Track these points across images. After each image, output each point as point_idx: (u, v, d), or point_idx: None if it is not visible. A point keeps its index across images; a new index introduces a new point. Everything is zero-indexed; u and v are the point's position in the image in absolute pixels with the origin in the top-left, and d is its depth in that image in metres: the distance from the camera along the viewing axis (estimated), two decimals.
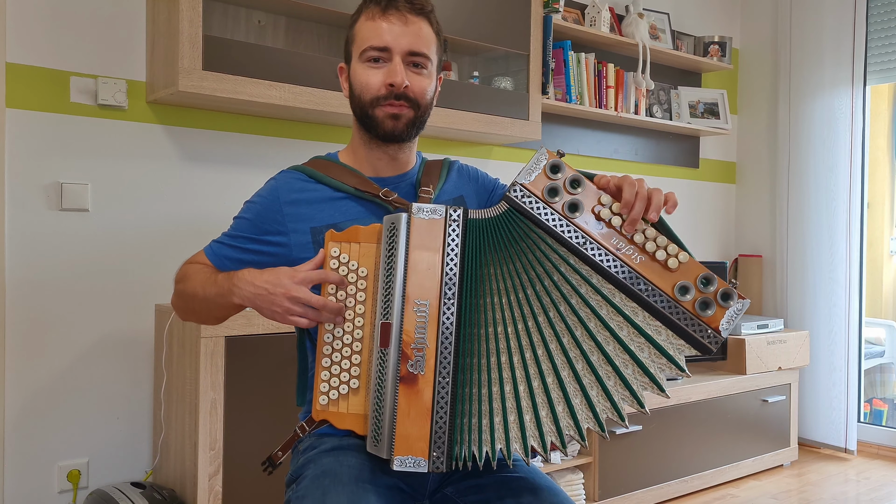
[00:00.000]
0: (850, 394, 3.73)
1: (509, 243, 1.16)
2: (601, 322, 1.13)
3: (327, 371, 1.20)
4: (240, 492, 2.15)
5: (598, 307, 1.14)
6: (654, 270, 1.13)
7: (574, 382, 1.14)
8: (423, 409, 1.13)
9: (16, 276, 2.17)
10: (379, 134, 1.32)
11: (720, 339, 1.12)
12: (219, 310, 1.31)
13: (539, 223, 1.15)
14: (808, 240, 3.86)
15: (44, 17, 2.21)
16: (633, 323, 1.13)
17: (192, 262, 1.37)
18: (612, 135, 3.64)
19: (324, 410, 1.20)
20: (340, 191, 1.33)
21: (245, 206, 1.37)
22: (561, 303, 1.14)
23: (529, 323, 1.15)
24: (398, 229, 1.16)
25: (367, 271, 1.20)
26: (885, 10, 3.74)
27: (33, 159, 2.20)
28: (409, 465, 1.12)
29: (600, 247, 1.14)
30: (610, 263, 1.13)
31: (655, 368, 1.13)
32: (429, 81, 1.33)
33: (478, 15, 2.77)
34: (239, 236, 1.35)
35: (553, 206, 1.15)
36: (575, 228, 1.14)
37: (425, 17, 1.32)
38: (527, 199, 1.15)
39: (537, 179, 1.16)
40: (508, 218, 1.16)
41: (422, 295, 1.14)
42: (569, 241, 1.14)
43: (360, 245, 1.21)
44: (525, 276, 1.15)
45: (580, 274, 1.14)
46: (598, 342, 1.13)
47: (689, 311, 1.12)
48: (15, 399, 2.18)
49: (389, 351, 1.14)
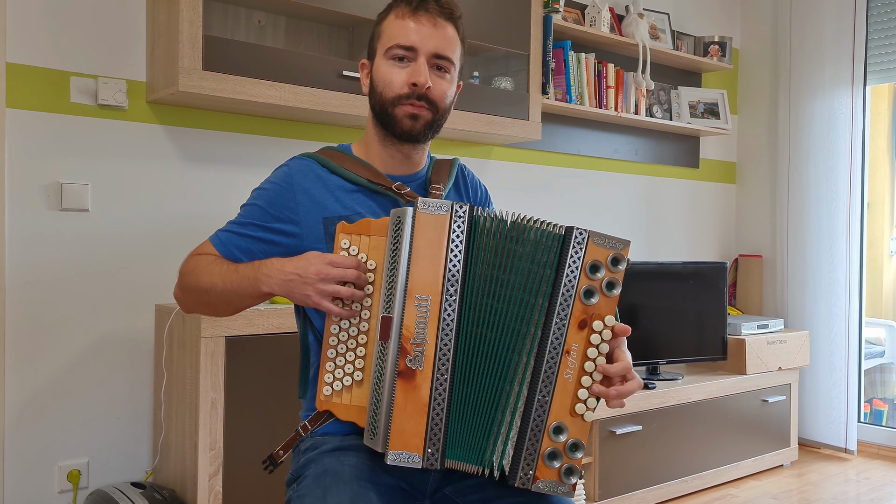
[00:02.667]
0: (850, 394, 3.73)
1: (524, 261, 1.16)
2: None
3: (332, 362, 1.20)
4: (240, 492, 2.15)
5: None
6: (563, 396, 1.13)
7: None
8: (420, 404, 1.12)
9: (16, 276, 2.17)
10: (396, 132, 1.32)
11: (529, 486, 1.12)
12: (240, 300, 1.27)
13: (561, 270, 1.14)
14: (808, 240, 3.86)
15: (44, 17, 2.21)
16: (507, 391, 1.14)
17: (199, 253, 1.33)
18: (612, 135, 3.64)
19: (327, 401, 1.20)
20: (354, 183, 1.33)
21: (255, 193, 1.34)
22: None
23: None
24: (403, 223, 1.16)
25: (375, 264, 1.20)
26: (885, 10, 3.74)
27: (33, 159, 2.20)
28: (403, 461, 1.12)
29: (563, 334, 1.13)
30: (552, 351, 1.13)
31: None
32: (450, 86, 1.34)
33: (478, 15, 2.77)
34: (248, 224, 1.31)
35: (587, 275, 1.14)
36: (569, 304, 1.13)
37: (453, 22, 1.32)
38: (577, 246, 1.14)
39: (598, 252, 1.14)
40: (550, 241, 1.16)
41: (424, 290, 1.14)
42: (554, 302, 1.13)
43: (370, 238, 1.21)
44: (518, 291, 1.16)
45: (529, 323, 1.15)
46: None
47: (540, 447, 1.12)
48: (15, 399, 2.18)
49: (389, 345, 1.14)
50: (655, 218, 3.88)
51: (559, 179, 3.47)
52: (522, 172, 3.33)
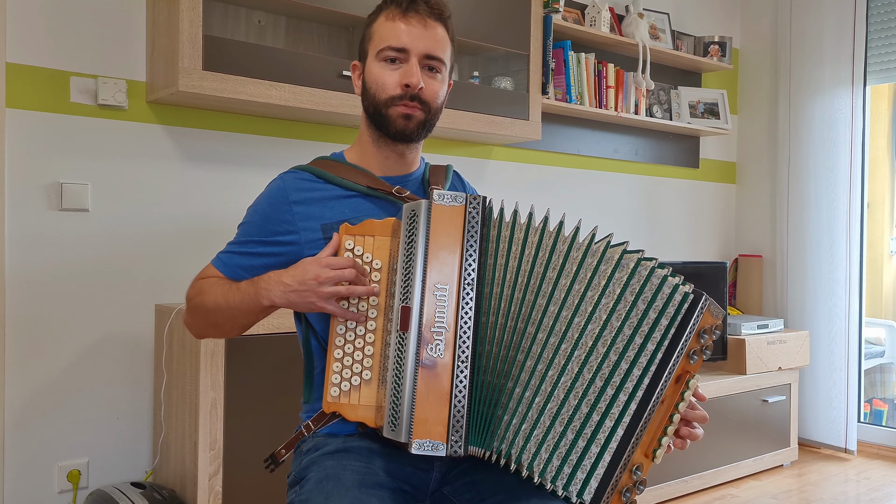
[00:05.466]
0: (850, 394, 3.73)
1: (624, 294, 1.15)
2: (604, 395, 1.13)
3: (339, 363, 1.20)
4: (240, 492, 2.15)
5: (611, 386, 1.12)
6: (653, 428, 1.13)
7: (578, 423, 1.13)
8: (442, 393, 1.13)
9: (16, 276, 2.17)
10: (390, 133, 1.33)
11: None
12: (244, 317, 1.30)
13: (681, 333, 1.13)
14: (808, 240, 3.86)
15: (44, 17, 2.21)
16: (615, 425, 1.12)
17: (203, 277, 1.36)
18: (612, 135, 3.64)
19: (335, 402, 1.20)
20: (351, 189, 1.34)
21: (250, 211, 1.36)
22: (598, 358, 1.12)
23: (577, 353, 1.14)
24: (419, 215, 1.17)
25: (381, 264, 1.21)
26: (885, 10, 3.74)
27: (33, 159, 2.20)
28: (428, 449, 1.12)
29: (664, 379, 1.12)
30: (658, 397, 1.12)
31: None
32: (441, 85, 1.35)
33: (478, 15, 2.77)
34: (248, 241, 1.34)
35: (700, 340, 1.15)
36: (676, 359, 1.12)
37: (443, 22, 1.34)
38: (696, 315, 1.15)
39: (704, 320, 1.16)
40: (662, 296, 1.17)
41: (441, 280, 1.15)
42: (669, 353, 1.12)
43: (374, 238, 1.22)
44: (599, 310, 1.14)
45: (640, 364, 1.12)
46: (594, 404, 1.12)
47: (622, 478, 1.10)
48: (15, 399, 2.18)
49: (409, 335, 1.14)
50: (655, 218, 3.88)
51: (559, 179, 3.47)
52: (522, 172, 3.34)
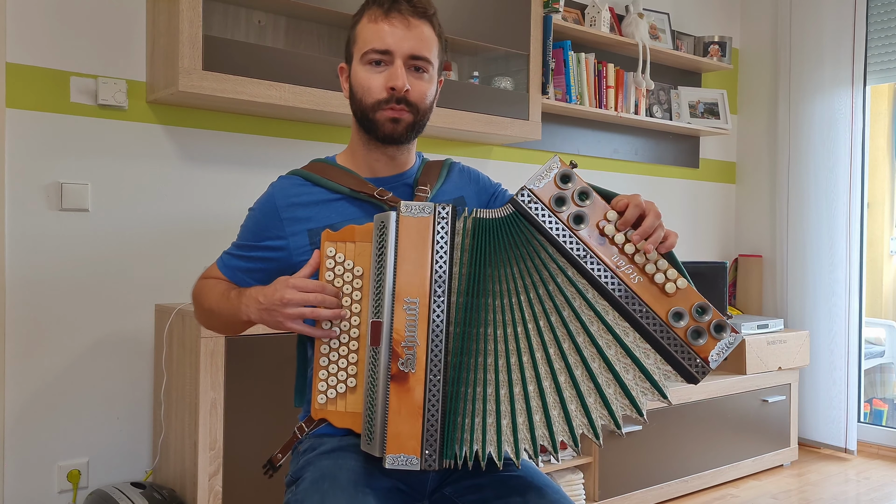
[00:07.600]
0: (850, 394, 3.73)
1: (510, 246, 1.16)
2: (590, 338, 1.13)
3: (325, 370, 1.20)
4: (240, 492, 2.15)
5: (589, 323, 1.13)
6: (651, 293, 1.13)
7: (570, 388, 1.14)
8: (415, 407, 1.12)
9: (16, 276, 2.17)
10: (378, 136, 1.32)
11: (708, 369, 1.11)
12: (234, 326, 1.37)
13: (542, 230, 1.14)
14: (808, 240, 3.86)
15: (44, 17, 2.21)
16: (622, 343, 1.13)
17: (206, 276, 1.41)
18: (612, 135, 3.64)
19: (322, 409, 1.21)
20: (336, 192, 1.34)
21: (247, 215, 1.40)
22: (553, 313, 1.14)
23: (530, 326, 1.14)
24: (387, 227, 1.16)
25: (362, 270, 1.20)
26: (885, 10, 3.74)
27: (33, 159, 2.20)
28: (402, 464, 1.12)
29: (600, 262, 1.13)
30: (607, 280, 1.13)
31: (638, 392, 1.12)
32: (429, 85, 1.33)
33: (478, 15, 2.77)
34: (243, 245, 1.37)
35: (559, 215, 1.15)
36: (577, 240, 1.13)
37: (427, 20, 1.31)
38: (533, 206, 1.15)
39: (546, 187, 1.16)
40: (512, 221, 1.16)
41: (411, 293, 1.14)
42: (569, 252, 1.14)
43: (355, 244, 1.21)
44: (521, 281, 1.15)
45: (576, 287, 1.14)
46: (583, 357, 1.13)
47: (680, 337, 1.11)
48: (15, 399, 2.18)
49: (380, 349, 1.14)
50: None
51: None
52: (522, 172, 3.33)
